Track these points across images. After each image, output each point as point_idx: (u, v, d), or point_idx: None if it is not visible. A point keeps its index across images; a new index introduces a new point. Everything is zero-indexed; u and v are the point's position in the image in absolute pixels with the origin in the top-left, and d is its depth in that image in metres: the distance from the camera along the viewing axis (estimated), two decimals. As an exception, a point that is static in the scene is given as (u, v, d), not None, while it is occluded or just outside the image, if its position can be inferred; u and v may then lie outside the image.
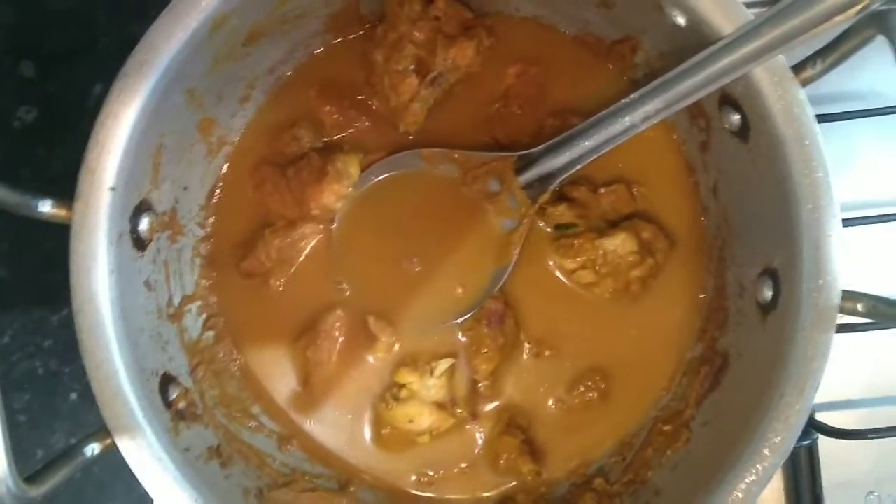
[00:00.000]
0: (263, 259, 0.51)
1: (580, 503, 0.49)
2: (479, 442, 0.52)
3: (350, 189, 0.51)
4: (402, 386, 0.51)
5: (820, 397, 0.41)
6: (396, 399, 0.51)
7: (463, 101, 0.53)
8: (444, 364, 0.51)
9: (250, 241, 0.52)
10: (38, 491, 0.38)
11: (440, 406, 0.51)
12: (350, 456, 0.52)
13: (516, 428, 0.51)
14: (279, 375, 0.53)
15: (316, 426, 0.52)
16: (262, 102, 0.53)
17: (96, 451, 0.41)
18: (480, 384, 0.51)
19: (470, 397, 0.52)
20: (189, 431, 0.45)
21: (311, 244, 0.52)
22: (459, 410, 0.51)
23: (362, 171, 0.51)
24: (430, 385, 0.51)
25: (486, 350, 0.51)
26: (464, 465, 0.52)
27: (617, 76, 0.53)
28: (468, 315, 0.51)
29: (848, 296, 0.41)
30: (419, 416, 0.50)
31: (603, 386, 0.51)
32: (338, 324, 0.51)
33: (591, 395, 0.51)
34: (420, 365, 0.51)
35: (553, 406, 0.52)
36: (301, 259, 0.52)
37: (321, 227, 0.52)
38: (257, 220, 0.52)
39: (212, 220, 0.53)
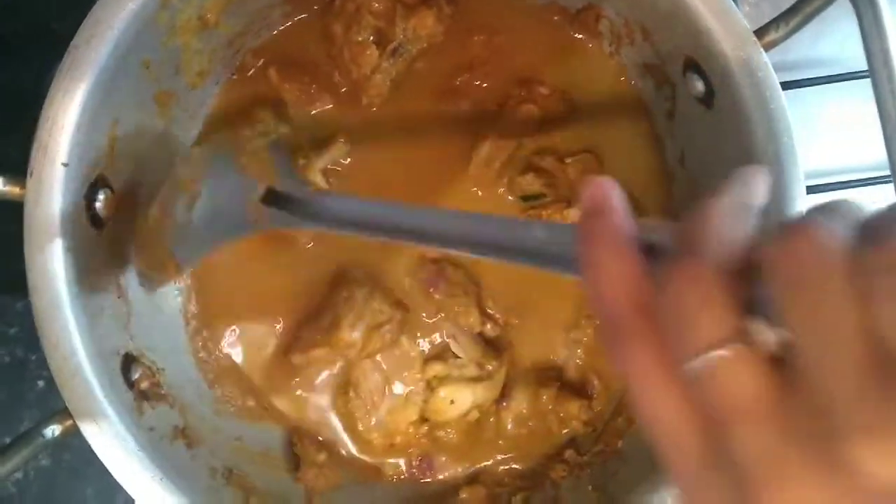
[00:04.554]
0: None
1: (551, 474, 0.49)
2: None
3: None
4: (432, 377, 0.51)
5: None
6: (431, 389, 0.50)
7: (428, 73, 0.52)
8: (452, 341, 0.51)
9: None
10: (-3, 471, 0.38)
11: (476, 379, 0.50)
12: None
13: (549, 380, 0.51)
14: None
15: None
16: (222, 78, 0.52)
17: (57, 433, 0.40)
18: (487, 330, 0.51)
19: (487, 351, 0.51)
20: (153, 411, 0.44)
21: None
22: (489, 366, 0.51)
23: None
24: (459, 364, 0.50)
25: (458, 308, 0.50)
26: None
27: (584, 45, 0.52)
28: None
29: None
30: (458, 393, 0.50)
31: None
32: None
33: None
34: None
35: (563, 350, 0.52)
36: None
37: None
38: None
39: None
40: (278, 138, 0.48)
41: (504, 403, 0.52)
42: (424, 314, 0.51)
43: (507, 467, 0.51)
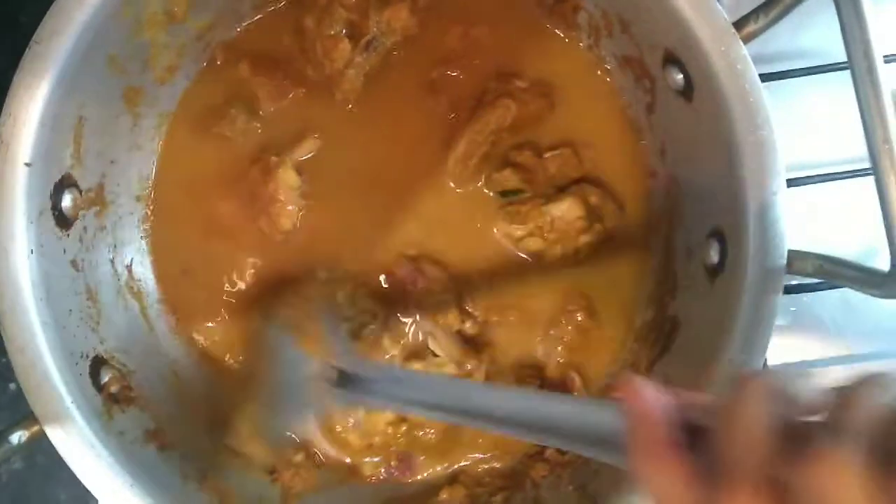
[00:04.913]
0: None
1: (532, 473, 0.49)
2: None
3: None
4: None
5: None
6: None
7: (403, 67, 0.51)
8: (430, 339, 0.50)
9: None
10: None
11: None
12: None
13: (530, 377, 0.51)
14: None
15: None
16: (193, 73, 0.50)
17: (24, 439, 0.40)
18: (466, 328, 0.51)
19: (466, 350, 0.50)
20: (123, 415, 0.43)
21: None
22: (468, 365, 0.50)
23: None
24: (437, 362, 0.50)
25: (436, 305, 0.50)
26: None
27: (560, 38, 0.52)
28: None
29: (795, 255, 0.40)
30: None
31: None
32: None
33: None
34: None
35: (543, 347, 0.51)
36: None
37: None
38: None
39: (147, 197, 0.51)
40: (332, 312, 0.49)
41: None
42: (402, 312, 0.50)
43: (487, 467, 0.50)
